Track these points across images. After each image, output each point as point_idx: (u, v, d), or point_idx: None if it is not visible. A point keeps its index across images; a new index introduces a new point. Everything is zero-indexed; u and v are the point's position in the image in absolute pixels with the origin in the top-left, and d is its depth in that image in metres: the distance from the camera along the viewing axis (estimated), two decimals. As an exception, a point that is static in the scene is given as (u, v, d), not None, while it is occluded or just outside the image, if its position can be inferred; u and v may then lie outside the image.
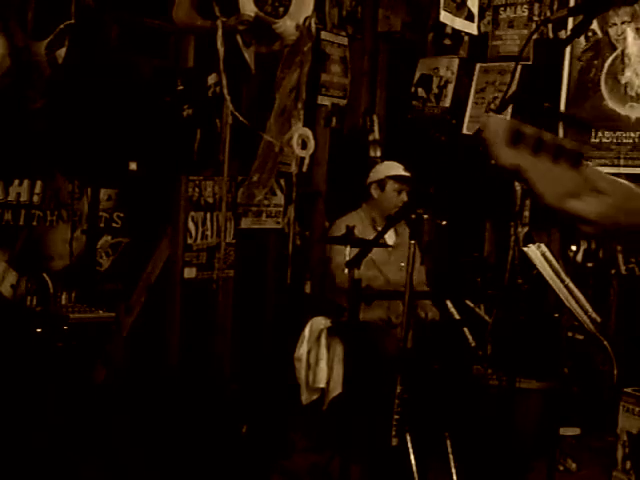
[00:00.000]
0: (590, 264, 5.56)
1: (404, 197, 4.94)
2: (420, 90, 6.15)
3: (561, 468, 4.63)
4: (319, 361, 4.72)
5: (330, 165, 5.80)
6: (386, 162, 5.24)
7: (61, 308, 4.18)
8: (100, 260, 4.64)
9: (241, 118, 4.69)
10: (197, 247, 4.86)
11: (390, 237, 4.82)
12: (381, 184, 4.97)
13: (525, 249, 3.92)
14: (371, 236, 4.51)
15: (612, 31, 5.32)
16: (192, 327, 4.86)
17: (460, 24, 5.46)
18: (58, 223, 4.43)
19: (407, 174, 4.92)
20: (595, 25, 5.32)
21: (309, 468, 4.37)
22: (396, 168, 4.98)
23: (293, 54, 4.87)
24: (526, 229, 5.76)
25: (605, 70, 5.37)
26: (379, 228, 4.92)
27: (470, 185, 5.62)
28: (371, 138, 6.03)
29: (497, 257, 5.91)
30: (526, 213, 5.76)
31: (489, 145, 1.42)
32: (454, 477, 3.92)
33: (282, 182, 5.35)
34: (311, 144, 5.14)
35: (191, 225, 4.83)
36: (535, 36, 5.40)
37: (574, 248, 5.42)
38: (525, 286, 5.03)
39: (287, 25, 4.69)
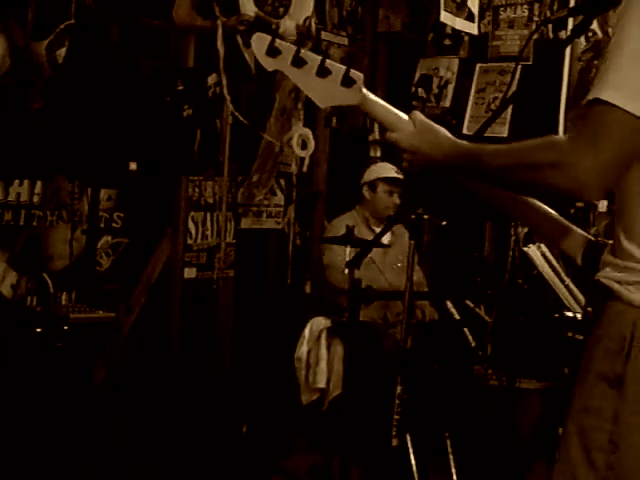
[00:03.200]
0: (590, 264, 5.54)
1: (396, 199, 4.93)
2: (420, 90, 6.15)
3: (561, 468, 4.61)
4: (319, 361, 4.72)
5: (330, 165, 5.80)
6: (379, 163, 5.23)
7: (61, 308, 4.18)
8: (100, 260, 4.64)
9: (241, 118, 4.69)
10: (197, 247, 4.86)
11: (386, 236, 4.82)
12: (372, 185, 4.97)
13: (525, 249, 3.92)
14: (365, 236, 4.52)
15: (612, 31, 5.31)
16: (192, 327, 4.86)
17: (460, 24, 5.46)
18: (58, 223, 4.43)
19: (399, 176, 4.90)
20: (595, 25, 5.32)
21: (309, 468, 4.37)
22: (388, 170, 4.96)
23: (293, 54, 4.86)
24: (526, 229, 5.75)
25: (605, 70, 5.37)
26: (373, 227, 4.93)
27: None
28: (371, 138, 6.03)
29: (497, 257, 5.91)
30: (526, 213, 5.75)
31: (256, 57, 1.86)
32: (454, 477, 3.92)
33: (282, 182, 5.35)
34: (311, 144, 5.14)
35: (191, 225, 4.83)
36: (535, 36, 5.39)
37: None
38: (525, 286, 5.02)
39: (287, 25, 4.69)
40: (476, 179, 1.91)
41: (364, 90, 1.89)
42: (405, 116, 1.92)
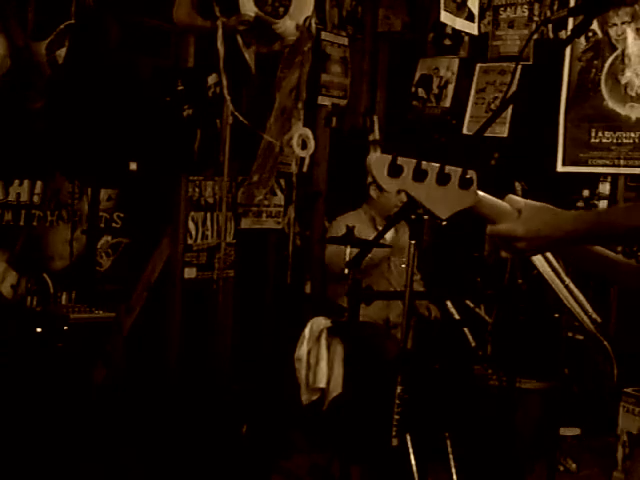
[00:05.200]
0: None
1: (403, 197, 4.91)
2: (420, 90, 6.15)
3: (561, 468, 4.62)
4: (319, 361, 4.72)
5: (330, 165, 5.80)
6: None
7: (61, 308, 4.19)
8: (100, 260, 4.64)
9: (241, 118, 4.68)
10: (197, 247, 4.86)
11: (387, 235, 4.81)
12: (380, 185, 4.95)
13: (525, 249, 3.91)
14: (371, 235, 4.52)
15: (612, 31, 5.31)
16: (192, 327, 4.86)
17: (460, 24, 5.45)
18: (58, 223, 4.43)
19: None
20: (595, 25, 5.31)
21: (309, 468, 4.37)
22: None
23: (293, 54, 4.86)
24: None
25: (605, 70, 5.37)
26: (379, 227, 4.92)
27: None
28: (371, 138, 6.03)
29: (497, 257, 5.91)
30: (526, 213, 5.75)
31: (375, 179, 1.77)
32: (454, 477, 3.92)
33: (282, 182, 5.35)
34: (311, 144, 5.14)
35: (191, 225, 4.83)
36: (535, 36, 5.39)
37: (574, 248, 5.42)
38: (525, 286, 5.02)
39: (287, 25, 4.69)
40: (599, 244, 1.94)
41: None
42: (504, 204, 1.81)
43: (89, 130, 4.27)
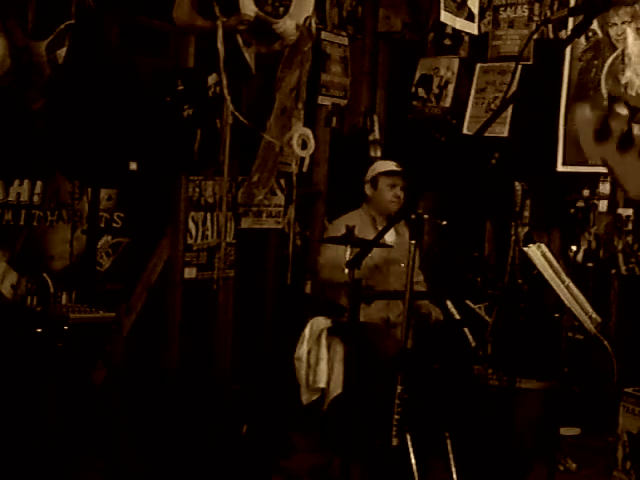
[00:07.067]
0: (590, 264, 5.56)
1: (397, 192, 4.94)
2: (420, 90, 6.16)
3: (561, 468, 4.63)
4: (319, 361, 4.72)
5: (330, 165, 5.80)
6: (378, 161, 5.29)
7: (61, 308, 4.17)
8: (100, 260, 4.64)
9: (241, 118, 4.69)
10: (197, 247, 4.86)
11: (390, 236, 4.82)
12: (374, 182, 4.99)
13: (525, 249, 3.92)
14: (371, 235, 4.52)
15: (612, 31, 5.31)
16: (192, 327, 4.86)
17: (460, 24, 5.45)
18: (58, 223, 4.43)
19: (398, 169, 4.94)
20: (595, 25, 5.32)
21: (309, 468, 4.37)
22: (388, 165, 5.02)
23: (293, 54, 4.87)
24: (526, 229, 5.76)
25: (605, 70, 5.37)
26: (379, 227, 4.92)
27: (470, 185, 5.63)
28: (371, 138, 6.04)
29: (497, 257, 5.91)
30: (526, 213, 5.76)
31: (579, 137, 1.47)
32: (454, 477, 3.92)
33: (282, 182, 5.35)
34: (311, 144, 5.14)
35: (191, 225, 4.83)
36: (535, 36, 5.40)
37: (574, 248, 5.42)
38: (525, 286, 5.03)
39: (287, 25, 4.69)
40: None
41: None
42: None
43: (89, 130, 4.27)
